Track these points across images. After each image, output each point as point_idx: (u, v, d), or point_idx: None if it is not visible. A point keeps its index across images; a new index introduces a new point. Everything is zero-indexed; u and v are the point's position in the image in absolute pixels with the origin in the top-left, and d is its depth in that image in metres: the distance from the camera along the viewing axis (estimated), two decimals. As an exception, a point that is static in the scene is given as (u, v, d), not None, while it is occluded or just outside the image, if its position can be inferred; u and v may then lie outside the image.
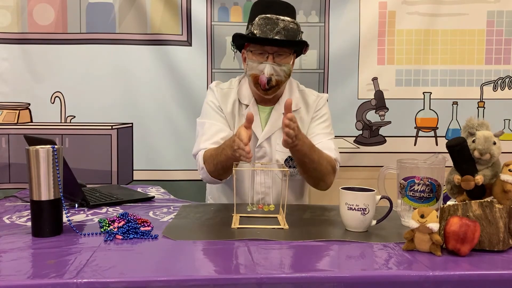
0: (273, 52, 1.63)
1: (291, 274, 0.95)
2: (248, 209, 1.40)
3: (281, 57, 1.64)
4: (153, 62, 2.29)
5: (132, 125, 2.32)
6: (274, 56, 1.63)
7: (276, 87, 1.66)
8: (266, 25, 1.61)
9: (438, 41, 2.31)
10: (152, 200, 1.69)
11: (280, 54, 1.64)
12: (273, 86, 1.64)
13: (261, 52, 1.64)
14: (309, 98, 1.79)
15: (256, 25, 1.62)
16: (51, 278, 0.91)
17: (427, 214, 1.05)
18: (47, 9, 2.24)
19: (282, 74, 1.64)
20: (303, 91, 1.82)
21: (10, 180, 2.28)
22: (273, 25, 1.61)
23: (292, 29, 1.63)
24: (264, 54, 1.64)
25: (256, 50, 1.65)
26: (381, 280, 0.96)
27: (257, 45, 1.64)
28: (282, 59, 1.64)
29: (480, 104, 2.35)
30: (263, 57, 1.64)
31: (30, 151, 1.17)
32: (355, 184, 1.32)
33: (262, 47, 1.63)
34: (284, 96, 1.74)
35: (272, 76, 1.62)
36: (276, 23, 1.61)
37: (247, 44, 1.69)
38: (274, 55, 1.63)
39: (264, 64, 1.62)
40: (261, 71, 1.63)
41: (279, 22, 1.61)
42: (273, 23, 1.61)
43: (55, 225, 1.20)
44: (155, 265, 1.01)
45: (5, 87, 2.26)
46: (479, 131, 1.14)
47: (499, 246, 1.09)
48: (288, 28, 1.62)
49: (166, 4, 2.26)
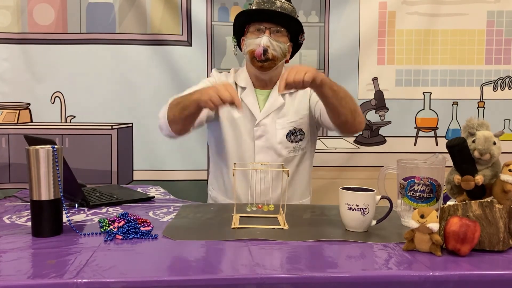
0: (270, 28, 1.68)
1: (291, 274, 0.95)
2: (247, 209, 1.40)
3: (278, 34, 1.69)
4: (153, 62, 2.29)
5: (132, 125, 2.32)
6: (270, 31, 1.67)
7: (271, 61, 1.68)
8: (264, 3, 1.68)
9: (438, 41, 2.31)
10: (152, 200, 1.69)
11: (277, 31, 1.68)
12: (269, 58, 1.67)
13: (258, 29, 1.69)
14: None
15: (255, 3, 1.70)
16: (51, 278, 0.91)
17: (427, 214, 1.05)
18: (47, 9, 2.24)
19: (278, 49, 1.67)
20: None
21: (10, 180, 2.28)
22: (271, 4, 1.68)
23: (289, 9, 1.70)
24: (260, 31, 1.68)
25: (254, 29, 1.70)
26: (381, 280, 0.96)
27: (255, 23, 1.69)
28: (278, 37, 1.69)
29: (480, 104, 2.35)
30: (260, 33, 1.68)
31: (30, 151, 1.17)
32: (355, 184, 1.32)
33: (259, 24, 1.68)
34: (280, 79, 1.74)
35: (268, 48, 1.65)
36: (273, 2, 1.68)
37: (246, 28, 1.73)
38: (270, 30, 1.67)
39: (261, 37, 1.67)
40: (257, 44, 1.66)
41: (276, 2, 1.69)
42: (271, 2, 1.68)
43: (55, 225, 1.20)
44: (155, 265, 1.01)
45: (5, 87, 2.26)
46: (479, 131, 1.14)
47: (499, 246, 1.09)
48: (284, 7, 1.69)
49: (166, 4, 2.26)
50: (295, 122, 1.75)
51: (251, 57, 1.70)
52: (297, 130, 1.75)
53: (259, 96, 1.78)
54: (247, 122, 1.75)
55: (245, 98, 1.75)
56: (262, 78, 1.75)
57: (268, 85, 1.78)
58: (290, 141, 1.75)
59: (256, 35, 1.69)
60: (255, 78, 1.77)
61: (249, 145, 1.74)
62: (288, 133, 1.74)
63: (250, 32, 1.72)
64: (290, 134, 1.74)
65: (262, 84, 1.78)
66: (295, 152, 1.76)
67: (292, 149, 1.75)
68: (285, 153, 1.74)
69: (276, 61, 1.70)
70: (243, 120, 1.74)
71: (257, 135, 1.74)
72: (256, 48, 1.66)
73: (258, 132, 1.74)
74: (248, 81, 1.78)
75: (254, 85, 1.78)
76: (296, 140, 1.75)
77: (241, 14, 1.73)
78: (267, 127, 1.74)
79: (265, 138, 1.74)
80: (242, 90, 1.77)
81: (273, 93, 1.76)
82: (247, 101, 1.75)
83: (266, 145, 1.74)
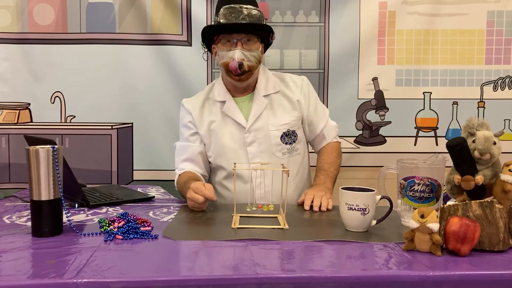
0: (241, 39, 1.67)
1: (291, 274, 0.95)
2: (247, 209, 1.40)
3: (249, 43, 1.68)
4: (153, 62, 2.29)
5: (132, 125, 2.32)
6: (242, 42, 1.67)
7: (248, 73, 1.69)
8: (231, 14, 1.67)
9: (438, 41, 2.31)
10: (152, 200, 1.69)
11: (248, 40, 1.68)
12: (246, 71, 1.68)
13: (229, 40, 1.68)
14: (287, 80, 1.83)
15: (222, 15, 1.68)
16: (51, 278, 0.91)
17: (427, 214, 1.05)
18: (47, 9, 2.24)
19: (252, 59, 1.68)
20: (278, 75, 1.86)
21: (10, 180, 2.28)
22: (238, 13, 1.67)
23: (256, 15, 1.69)
24: (232, 43, 1.67)
25: (225, 40, 1.69)
26: (381, 280, 0.96)
27: (225, 35, 1.68)
28: (250, 46, 1.68)
29: (480, 104, 2.35)
30: (232, 45, 1.68)
31: (30, 151, 1.17)
32: (355, 184, 1.32)
33: (230, 35, 1.67)
34: (260, 81, 1.78)
35: (243, 61, 1.66)
36: (240, 11, 1.67)
37: (216, 38, 1.72)
38: (242, 41, 1.67)
39: (234, 50, 1.66)
40: (231, 58, 1.66)
41: (243, 10, 1.67)
42: (237, 12, 1.67)
43: (55, 225, 1.20)
44: (155, 265, 1.01)
45: (5, 87, 2.26)
46: (479, 131, 1.14)
47: (499, 246, 1.09)
48: (252, 15, 1.68)
49: (166, 4, 2.26)
50: (288, 124, 1.76)
51: (226, 69, 1.70)
52: (290, 131, 1.76)
53: (240, 104, 1.78)
54: (236, 132, 1.75)
55: (228, 111, 1.76)
56: (240, 86, 1.76)
57: (246, 90, 1.78)
58: (285, 143, 1.75)
59: (227, 47, 1.68)
60: (233, 87, 1.77)
61: (242, 153, 1.74)
62: (282, 135, 1.75)
63: (221, 43, 1.70)
64: (284, 136, 1.75)
65: (240, 91, 1.78)
66: (290, 154, 1.76)
67: (287, 150, 1.76)
68: (280, 155, 1.74)
69: (253, 70, 1.71)
70: (232, 132, 1.75)
71: (248, 141, 1.74)
72: (230, 61, 1.67)
73: (249, 138, 1.74)
74: (226, 93, 1.78)
75: (232, 95, 1.78)
76: (290, 141, 1.76)
77: (208, 27, 1.73)
78: (258, 132, 1.74)
79: (257, 143, 1.74)
80: (222, 105, 1.77)
81: (255, 97, 1.77)
82: (231, 114, 1.75)
83: (260, 150, 1.73)
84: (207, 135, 1.77)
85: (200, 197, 1.43)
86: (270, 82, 1.80)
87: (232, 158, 1.71)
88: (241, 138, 1.74)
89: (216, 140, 1.76)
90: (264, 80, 1.79)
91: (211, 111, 1.79)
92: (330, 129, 1.84)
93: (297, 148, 1.79)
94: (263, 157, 1.72)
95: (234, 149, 1.74)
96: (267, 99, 1.77)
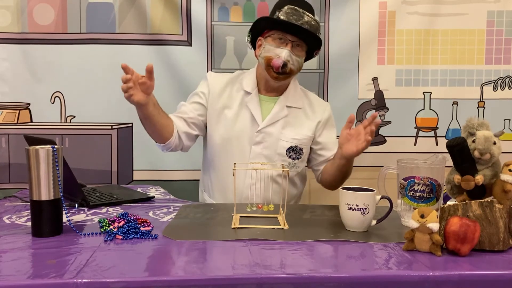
0: (293, 41, 1.68)
1: (291, 274, 0.95)
2: (247, 209, 1.40)
3: (298, 48, 1.70)
4: (153, 62, 2.25)
5: (132, 125, 2.32)
6: (292, 45, 1.68)
7: (287, 75, 1.70)
8: (293, 15, 1.67)
9: (438, 41, 2.31)
10: (152, 200, 1.69)
11: (298, 46, 1.70)
12: (286, 72, 1.69)
13: (281, 38, 1.68)
14: (313, 99, 1.86)
15: (284, 12, 1.68)
16: (51, 278, 0.91)
17: (427, 214, 1.05)
18: (47, 9, 2.24)
19: (296, 64, 1.70)
20: (304, 91, 1.87)
21: (10, 180, 2.28)
22: (299, 17, 1.67)
23: (314, 25, 1.71)
24: (283, 41, 1.68)
25: (277, 37, 1.69)
26: (381, 280, 0.96)
27: (280, 32, 1.68)
28: (298, 51, 1.70)
29: (480, 104, 2.35)
30: (282, 43, 1.68)
31: (30, 151, 1.17)
32: (355, 184, 1.32)
33: (284, 34, 1.68)
34: (288, 90, 1.79)
35: (288, 63, 1.67)
36: (302, 16, 1.68)
37: (266, 32, 1.72)
38: (292, 44, 1.68)
39: (283, 49, 1.67)
40: (277, 55, 1.67)
41: (305, 16, 1.68)
42: (299, 15, 1.68)
43: (55, 225, 1.20)
44: (155, 265, 1.01)
45: (5, 87, 2.26)
46: (479, 131, 1.14)
47: (499, 246, 1.09)
48: (311, 24, 1.69)
49: (166, 4, 2.26)
50: (298, 140, 1.76)
51: (267, 64, 1.70)
52: (298, 148, 1.76)
53: (263, 102, 1.78)
54: (248, 127, 1.75)
55: (249, 104, 1.76)
56: (272, 84, 1.76)
57: (275, 91, 1.79)
58: (289, 157, 1.75)
59: (277, 44, 1.68)
60: (264, 82, 1.78)
61: (246, 148, 1.74)
62: (289, 148, 1.75)
63: (271, 38, 1.70)
64: (290, 150, 1.75)
65: (269, 89, 1.78)
66: (290, 169, 1.75)
67: (288, 164, 1.75)
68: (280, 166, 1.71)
69: (292, 74, 1.73)
70: (245, 124, 1.75)
71: (256, 140, 1.74)
72: (274, 57, 1.67)
73: (258, 138, 1.74)
74: (254, 86, 1.78)
75: (259, 90, 1.79)
76: (294, 157, 1.75)
77: (266, 19, 1.73)
78: (268, 136, 1.74)
79: (263, 145, 1.74)
80: (246, 95, 1.77)
81: (279, 102, 1.77)
82: (251, 107, 1.76)
83: (263, 153, 1.74)
84: (214, 116, 1.77)
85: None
86: (297, 94, 1.81)
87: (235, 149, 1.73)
88: (251, 135, 1.74)
89: (227, 128, 1.76)
90: (293, 89, 1.81)
91: (230, 96, 1.78)
92: None
93: (298, 166, 1.78)
94: (264, 160, 1.72)
95: (240, 143, 1.74)
96: (289, 110, 1.77)
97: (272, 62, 1.67)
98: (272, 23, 1.70)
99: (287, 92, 1.78)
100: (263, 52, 1.71)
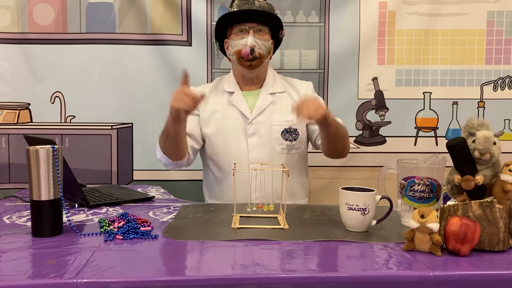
0: (253, 27, 1.74)
1: (291, 274, 0.95)
2: (247, 209, 1.40)
3: (261, 33, 1.75)
4: (153, 62, 2.29)
5: (132, 125, 2.32)
6: (254, 31, 1.74)
7: (259, 60, 1.74)
8: (244, 4, 1.75)
9: (438, 41, 2.31)
10: (152, 200, 1.69)
11: (260, 30, 1.75)
12: (256, 57, 1.73)
13: (242, 30, 1.74)
14: (294, 82, 1.90)
15: (235, 5, 1.76)
16: (51, 278, 0.91)
17: (427, 214, 1.05)
18: (47, 9, 2.24)
19: (263, 48, 1.74)
20: (284, 78, 1.92)
21: (10, 180, 2.28)
22: (250, 4, 1.75)
23: (267, 7, 1.78)
24: (244, 32, 1.74)
25: (237, 30, 1.75)
26: (381, 280, 0.96)
27: (238, 24, 1.75)
28: (261, 35, 1.75)
29: (480, 104, 2.35)
30: (244, 33, 1.74)
31: (30, 151, 1.17)
32: (355, 184, 1.32)
33: (242, 24, 1.74)
34: (267, 79, 1.84)
35: (254, 48, 1.72)
36: (252, 3, 1.76)
37: (229, 31, 1.79)
38: (254, 30, 1.74)
39: (246, 38, 1.73)
40: (243, 44, 1.73)
41: (255, 2, 1.76)
42: (250, 3, 1.76)
43: (55, 225, 1.20)
44: (155, 265, 1.01)
45: (5, 87, 2.26)
46: (479, 131, 1.14)
47: (499, 246, 1.09)
48: (263, 7, 1.77)
49: (166, 4, 2.26)
50: (291, 121, 1.78)
51: (238, 57, 1.75)
52: (292, 129, 1.79)
53: (247, 97, 1.82)
54: (240, 121, 1.79)
55: (234, 101, 1.81)
56: (250, 76, 1.81)
57: (255, 83, 1.84)
58: (285, 139, 1.78)
59: (240, 36, 1.75)
60: (242, 79, 1.83)
61: (242, 142, 1.77)
62: (283, 130, 1.79)
63: (233, 34, 1.77)
64: (285, 132, 1.79)
65: (249, 83, 1.83)
66: (289, 151, 1.79)
67: (286, 147, 1.79)
68: (279, 150, 1.77)
69: (263, 59, 1.76)
70: (235, 120, 1.79)
71: (249, 132, 1.78)
72: (242, 49, 1.73)
73: (251, 129, 1.78)
74: (235, 85, 1.84)
75: (241, 88, 1.84)
76: (291, 139, 1.79)
77: (223, 17, 1.77)
78: (260, 125, 1.78)
79: (258, 135, 1.77)
80: (230, 95, 1.83)
81: (262, 92, 1.82)
82: (237, 104, 1.81)
83: (260, 142, 1.77)
84: (207, 121, 1.80)
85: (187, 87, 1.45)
86: (277, 82, 1.86)
87: (232, 147, 1.76)
88: (243, 128, 1.78)
89: (218, 127, 1.79)
90: (272, 78, 1.86)
91: (215, 101, 1.83)
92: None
93: (297, 147, 1.80)
94: (262, 150, 1.76)
95: (236, 137, 1.77)
96: (273, 96, 1.82)
97: (242, 52, 1.73)
98: (228, 18, 1.76)
99: (266, 82, 1.83)
100: (231, 49, 1.77)
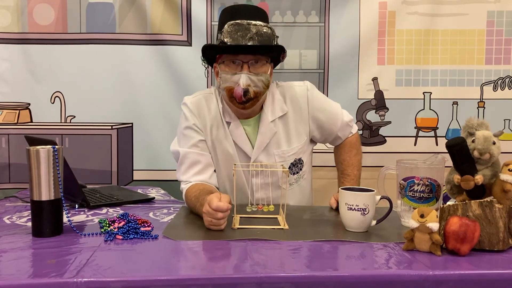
0: (248, 61, 1.48)
1: (291, 274, 0.95)
2: (248, 210, 1.40)
3: (257, 65, 1.50)
4: (153, 62, 2.29)
5: (132, 125, 2.32)
6: (249, 65, 1.48)
7: (254, 100, 1.51)
8: (237, 32, 1.46)
9: (438, 41, 2.31)
10: (152, 201, 1.69)
11: (256, 62, 1.49)
12: (251, 98, 1.49)
13: (234, 62, 1.49)
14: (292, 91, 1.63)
15: (226, 32, 1.47)
16: (51, 278, 0.91)
17: (427, 214, 1.05)
18: (47, 9, 2.25)
19: (260, 84, 1.49)
20: (282, 88, 1.65)
21: (10, 180, 2.28)
22: (245, 31, 1.46)
23: (266, 33, 1.48)
24: (238, 64, 1.49)
25: (229, 61, 1.50)
26: (381, 280, 0.96)
27: (229, 55, 1.49)
28: (258, 68, 1.50)
29: (480, 104, 2.35)
30: (237, 67, 1.49)
31: (30, 151, 1.17)
32: (355, 184, 1.32)
33: (235, 56, 1.48)
34: (267, 103, 1.60)
35: (249, 87, 1.47)
36: (247, 28, 1.46)
37: (218, 56, 1.54)
38: (249, 64, 1.48)
39: (239, 74, 1.47)
40: (235, 83, 1.48)
41: (251, 27, 1.46)
42: (244, 29, 1.46)
43: (55, 225, 1.20)
44: (155, 265, 1.01)
45: (5, 87, 2.26)
46: (478, 131, 1.14)
47: (499, 246, 1.09)
48: (261, 33, 1.47)
49: (166, 4, 2.26)
50: (295, 153, 1.63)
51: (229, 96, 1.51)
52: (297, 160, 1.64)
53: (245, 128, 1.60)
54: (241, 159, 1.59)
55: (233, 133, 1.59)
56: (244, 112, 1.57)
57: (251, 114, 1.60)
58: (292, 173, 1.63)
59: (232, 69, 1.49)
60: (236, 110, 1.57)
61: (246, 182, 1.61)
62: (289, 166, 1.63)
63: (224, 65, 1.51)
64: (291, 167, 1.63)
65: (245, 115, 1.59)
66: (297, 183, 1.68)
67: (294, 180, 1.67)
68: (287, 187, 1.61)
69: (259, 97, 1.52)
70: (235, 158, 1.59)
71: (253, 173, 1.57)
72: (234, 87, 1.48)
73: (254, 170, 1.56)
74: (231, 115, 1.59)
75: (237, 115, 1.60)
76: (297, 171, 1.65)
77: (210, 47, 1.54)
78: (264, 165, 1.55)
79: (262, 175, 1.58)
80: (228, 125, 1.59)
81: (262, 122, 1.59)
82: (236, 138, 1.59)
83: (265, 182, 1.60)
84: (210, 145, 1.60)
85: (219, 213, 1.21)
86: (276, 103, 1.60)
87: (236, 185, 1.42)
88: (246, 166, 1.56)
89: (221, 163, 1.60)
90: (271, 102, 1.61)
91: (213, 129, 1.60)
92: (344, 127, 1.69)
93: (303, 174, 1.69)
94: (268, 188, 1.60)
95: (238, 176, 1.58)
96: (274, 124, 1.60)
97: (234, 93, 1.48)
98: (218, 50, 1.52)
99: (265, 108, 1.59)
100: (222, 83, 1.52)
